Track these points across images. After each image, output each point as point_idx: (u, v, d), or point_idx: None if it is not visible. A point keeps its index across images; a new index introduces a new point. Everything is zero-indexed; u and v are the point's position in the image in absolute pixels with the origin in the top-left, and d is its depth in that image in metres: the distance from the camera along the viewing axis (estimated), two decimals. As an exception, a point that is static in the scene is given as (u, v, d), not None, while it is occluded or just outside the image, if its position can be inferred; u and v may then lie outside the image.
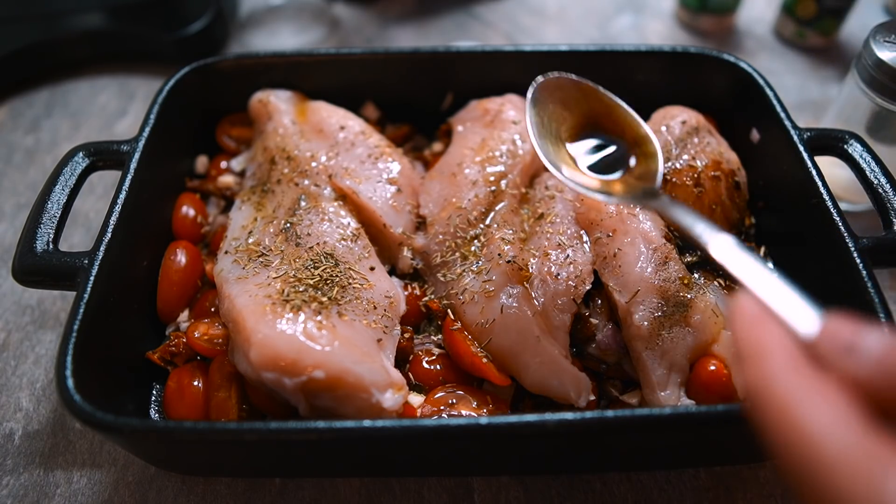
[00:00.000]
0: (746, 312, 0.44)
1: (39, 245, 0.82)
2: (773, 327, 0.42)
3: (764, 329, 0.42)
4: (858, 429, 0.35)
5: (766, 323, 0.43)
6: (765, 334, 0.42)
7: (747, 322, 0.43)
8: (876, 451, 0.34)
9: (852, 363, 0.38)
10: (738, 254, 0.54)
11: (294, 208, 0.92)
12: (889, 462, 0.33)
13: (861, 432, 0.35)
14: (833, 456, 0.34)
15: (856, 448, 0.34)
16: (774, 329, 0.42)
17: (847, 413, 0.36)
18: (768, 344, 0.41)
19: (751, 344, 0.42)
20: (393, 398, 0.75)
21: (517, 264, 0.85)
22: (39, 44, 1.39)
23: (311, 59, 1.11)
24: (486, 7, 1.67)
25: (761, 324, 0.43)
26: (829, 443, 0.35)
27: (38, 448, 0.88)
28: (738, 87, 1.06)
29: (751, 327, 0.43)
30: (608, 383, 0.86)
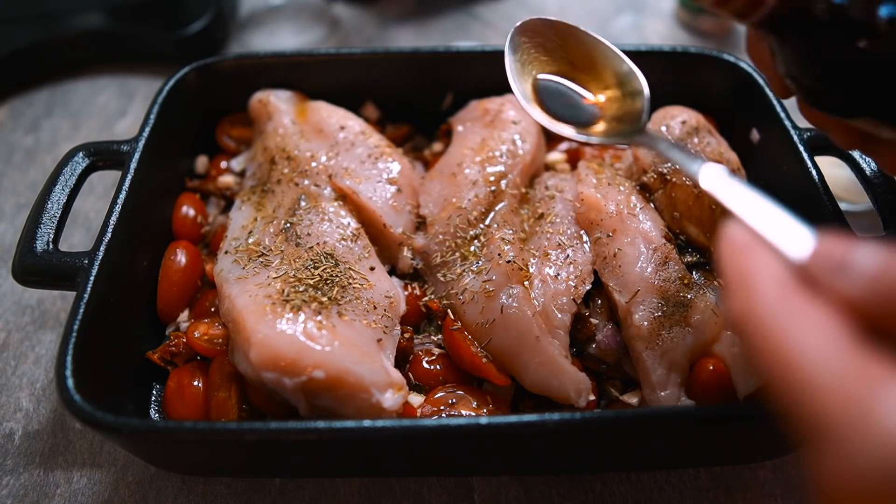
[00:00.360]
0: (734, 241, 0.43)
1: (39, 245, 0.82)
2: (761, 254, 0.41)
3: (752, 257, 0.41)
4: (848, 351, 0.34)
5: (755, 250, 0.41)
6: (752, 262, 0.41)
7: (735, 251, 0.42)
8: (866, 371, 0.33)
9: (843, 282, 0.37)
10: (726, 181, 0.53)
11: (294, 208, 0.92)
12: (880, 381, 0.33)
13: (851, 354, 0.34)
14: (822, 380, 0.34)
15: (845, 370, 0.34)
16: (763, 256, 0.41)
17: (837, 335, 0.35)
18: (755, 272, 0.40)
19: (738, 273, 0.41)
20: (393, 398, 0.75)
21: (517, 264, 0.85)
22: (39, 44, 1.39)
23: (311, 59, 1.11)
24: (486, 7, 1.67)
25: (749, 251, 0.41)
26: (819, 367, 0.34)
27: (38, 448, 0.88)
28: (738, 87, 1.06)
29: (738, 256, 0.42)
30: (608, 383, 0.86)
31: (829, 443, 0.33)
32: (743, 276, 0.40)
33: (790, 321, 0.37)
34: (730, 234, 0.43)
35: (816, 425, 0.33)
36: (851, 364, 0.34)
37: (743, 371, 0.80)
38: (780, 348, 0.36)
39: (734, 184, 0.52)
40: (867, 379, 0.33)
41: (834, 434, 0.32)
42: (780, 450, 0.83)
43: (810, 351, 0.35)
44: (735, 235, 0.43)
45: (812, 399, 0.34)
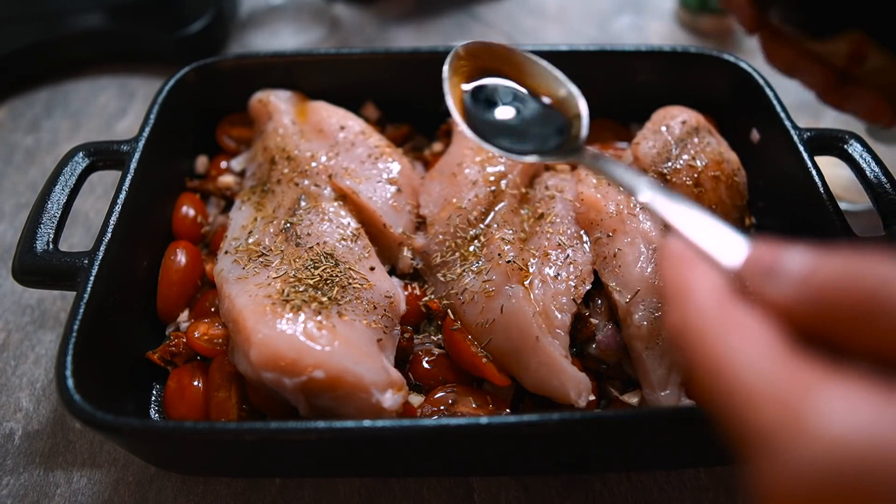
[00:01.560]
0: (672, 254, 0.43)
1: (39, 245, 0.82)
2: (698, 265, 0.41)
3: (688, 268, 0.41)
4: (780, 358, 0.34)
5: (691, 262, 0.42)
6: (689, 273, 0.41)
7: (673, 263, 0.42)
8: (798, 376, 0.33)
9: (773, 288, 0.37)
10: (663, 196, 0.53)
11: (294, 208, 0.92)
12: (810, 386, 0.33)
13: (783, 361, 0.34)
14: (755, 389, 0.34)
15: (778, 378, 0.33)
16: (699, 267, 0.41)
17: (769, 342, 0.35)
18: (691, 283, 0.40)
19: (674, 285, 0.41)
20: (393, 398, 0.75)
21: (517, 264, 0.85)
22: (39, 44, 1.39)
23: (311, 59, 1.11)
24: (486, 7, 1.67)
25: (686, 263, 0.42)
26: (751, 376, 0.34)
27: (38, 448, 0.88)
28: (738, 87, 1.06)
29: (676, 268, 0.42)
30: (608, 383, 0.86)
31: (764, 452, 0.32)
32: (679, 287, 0.40)
33: (723, 331, 0.37)
34: (668, 247, 0.44)
35: (752, 435, 0.33)
36: (783, 371, 0.34)
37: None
38: (713, 358, 0.36)
39: (671, 198, 0.52)
40: (799, 385, 0.33)
41: (769, 443, 0.32)
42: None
43: (743, 360, 0.35)
44: (673, 248, 0.43)
45: (746, 408, 0.34)
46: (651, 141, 0.98)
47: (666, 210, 0.50)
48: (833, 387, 0.32)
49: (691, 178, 0.93)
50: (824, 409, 0.31)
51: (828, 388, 0.32)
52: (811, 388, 0.32)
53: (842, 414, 0.31)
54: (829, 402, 0.31)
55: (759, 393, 0.33)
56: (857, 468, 0.29)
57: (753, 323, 0.37)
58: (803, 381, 0.33)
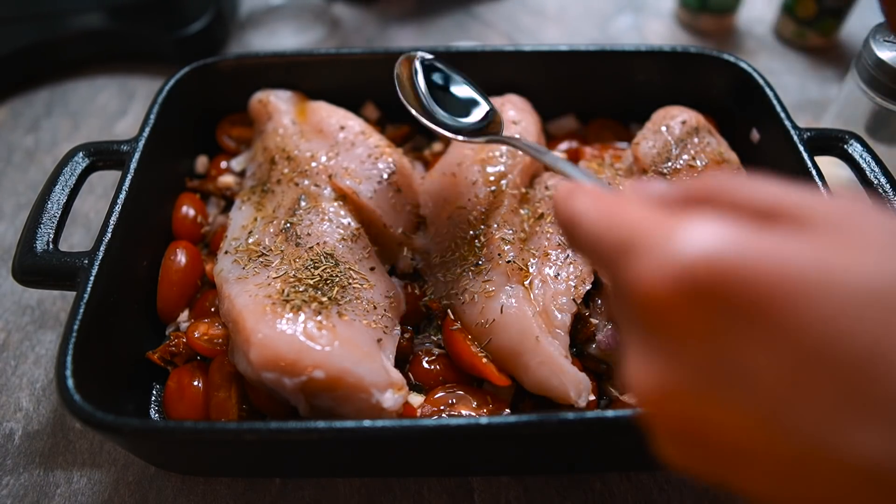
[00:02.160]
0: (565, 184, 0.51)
1: (39, 245, 0.82)
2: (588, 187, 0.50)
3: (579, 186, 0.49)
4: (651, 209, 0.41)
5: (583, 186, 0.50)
6: (580, 187, 0.49)
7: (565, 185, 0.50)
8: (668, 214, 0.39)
9: (647, 189, 0.45)
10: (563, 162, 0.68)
11: (294, 208, 0.92)
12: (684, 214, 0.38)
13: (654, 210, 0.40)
14: (635, 214, 0.40)
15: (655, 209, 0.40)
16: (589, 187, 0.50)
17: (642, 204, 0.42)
18: (582, 189, 0.48)
19: (567, 190, 0.48)
20: (393, 398, 0.75)
21: (517, 264, 0.85)
22: (39, 44, 1.39)
23: (311, 59, 1.11)
24: (486, 7, 1.67)
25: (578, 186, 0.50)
26: (633, 208, 0.41)
27: (38, 448, 0.88)
28: (738, 87, 1.06)
29: (568, 186, 0.50)
30: (608, 383, 0.86)
31: (635, 256, 0.37)
32: (571, 191, 0.48)
33: (609, 203, 0.44)
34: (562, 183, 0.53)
35: (625, 249, 0.39)
36: (655, 212, 0.40)
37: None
38: (598, 216, 0.43)
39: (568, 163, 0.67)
40: (668, 216, 0.39)
41: (640, 248, 0.37)
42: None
43: (625, 210, 0.42)
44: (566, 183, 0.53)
45: (622, 231, 0.40)
46: (651, 141, 0.98)
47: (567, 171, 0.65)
48: (696, 216, 0.37)
49: (691, 178, 0.93)
50: (690, 224, 0.36)
51: (692, 216, 0.37)
52: (679, 217, 0.38)
53: (705, 227, 0.36)
54: (694, 221, 0.37)
55: (634, 218, 0.40)
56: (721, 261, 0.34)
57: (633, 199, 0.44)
58: (671, 215, 0.39)
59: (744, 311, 0.33)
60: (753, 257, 0.33)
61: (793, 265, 0.32)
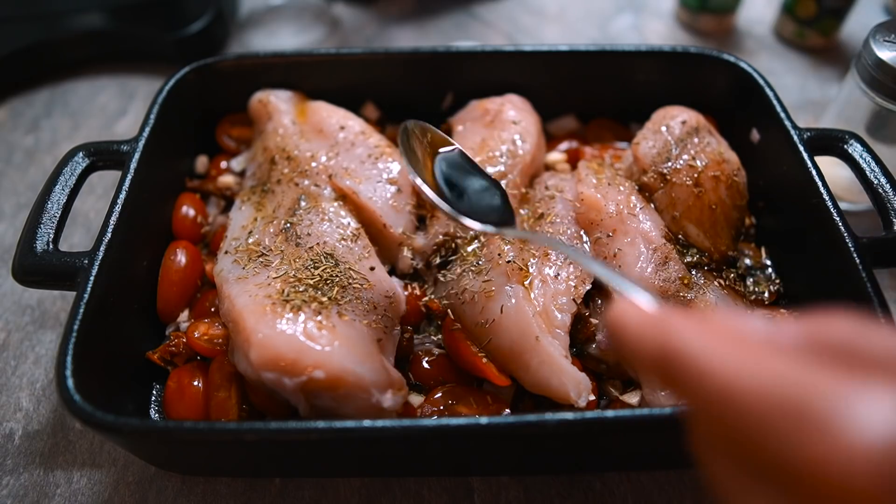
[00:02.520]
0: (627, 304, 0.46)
1: (39, 245, 0.82)
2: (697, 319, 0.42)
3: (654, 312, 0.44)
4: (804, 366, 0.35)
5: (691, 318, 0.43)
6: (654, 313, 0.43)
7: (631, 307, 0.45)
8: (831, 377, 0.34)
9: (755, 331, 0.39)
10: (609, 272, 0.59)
11: (294, 208, 0.92)
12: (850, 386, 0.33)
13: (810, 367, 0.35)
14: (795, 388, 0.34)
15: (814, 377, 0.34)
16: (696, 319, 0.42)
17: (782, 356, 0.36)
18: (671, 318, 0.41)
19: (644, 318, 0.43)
20: (393, 398, 0.75)
21: (517, 264, 0.85)
22: (39, 44, 1.39)
23: (311, 59, 1.11)
24: (486, 7, 1.67)
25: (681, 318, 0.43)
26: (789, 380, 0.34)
27: (38, 448, 0.88)
28: (738, 87, 1.06)
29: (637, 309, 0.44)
30: (608, 383, 0.86)
31: (812, 429, 0.32)
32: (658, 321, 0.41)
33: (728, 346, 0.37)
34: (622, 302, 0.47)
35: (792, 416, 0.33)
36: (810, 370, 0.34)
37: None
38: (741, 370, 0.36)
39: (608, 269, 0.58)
40: (835, 381, 0.33)
41: (818, 420, 0.32)
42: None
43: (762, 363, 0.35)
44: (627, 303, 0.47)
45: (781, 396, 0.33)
46: (651, 141, 0.98)
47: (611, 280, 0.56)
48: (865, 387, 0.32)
49: (691, 178, 0.93)
50: (866, 401, 0.31)
51: (861, 387, 0.32)
52: (844, 384, 0.32)
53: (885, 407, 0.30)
54: (869, 396, 0.31)
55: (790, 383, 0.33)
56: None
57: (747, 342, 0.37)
58: (833, 378, 0.33)
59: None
60: None
61: None
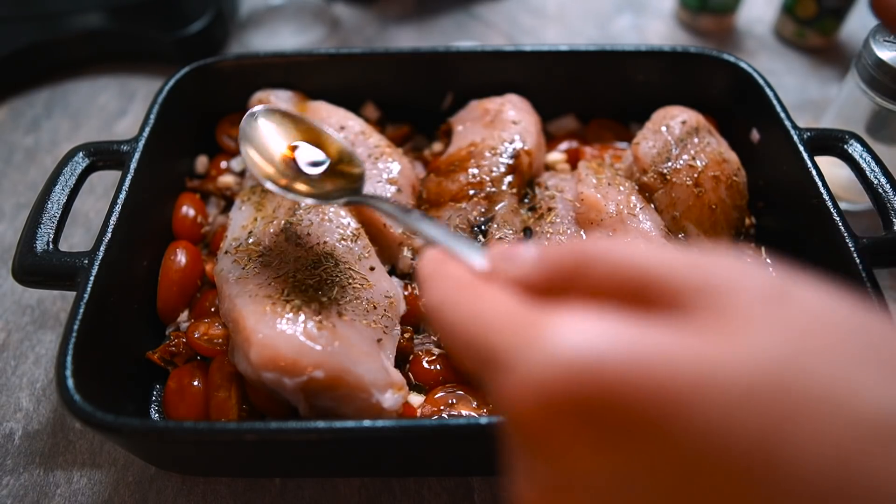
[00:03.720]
0: (428, 255, 0.49)
1: (39, 245, 0.82)
2: (449, 260, 0.48)
3: (440, 262, 0.48)
4: (518, 305, 0.38)
5: (444, 259, 0.48)
6: (440, 265, 0.47)
7: (428, 260, 0.48)
8: (531, 309, 0.37)
9: (511, 267, 0.43)
10: (424, 222, 0.60)
11: (294, 208, 0.92)
12: (543, 313, 0.36)
13: (520, 304, 0.38)
14: (494, 323, 0.37)
15: (514, 313, 0.37)
16: (450, 262, 0.47)
17: (508, 297, 0.40)
18: (442, 270, 0.46)
19: (428, 274, 0.47)
20: (393, 398, 0.75)
21: (517, 264, 0.84)
22: (39, 44, 1.39)
23: (311, 59, 1.11)
24: (486, 7, 1.67)
25: (440, 261, 0.48)
26: (492, 316, 0.38)
27: (38, 448, 0.88)
28: (738, 87, 1.06)
29: (430, 263, 0.48)
30: (608, 383, 0.86)
31: (500, 369, 0.35)
32: (432, 275, 0.46)
33: (471, 296, 0.42)
34: (426, 252, 0.50)
35: (490, 359, 0.36)
36: (518, 307, 0.38)
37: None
38: (465, 317, 0.40)
39: (428, 222, 0.59)
40: (532, 313, 0.36)
41: (505, 359, 0.35)
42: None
43: (488, 310, 0.39)
44: (430, 252, 0.50)
45: (486, 338, 0.37)
46: (651, 141, 0.98)
47: (427, 233, 0.57)
48: (563, 312, 0.35)
49: (691, 178, 0.93)
50: (556, 326, 0.34)
51: (558, 312, 0.35)
52: (543, 314, 0.36)
53: (572, 328, 0.33)
54: (560, 320, 0.34)
55: (497, 322, 0.37)
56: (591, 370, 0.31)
57: (495, 288, 0.42)
58: (536, 311, 0.37)
59: (612, 428, 0.30)
60: (618, 363, 0.31)
61: (663, 367, 0.30)
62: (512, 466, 0.37)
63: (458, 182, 0.96)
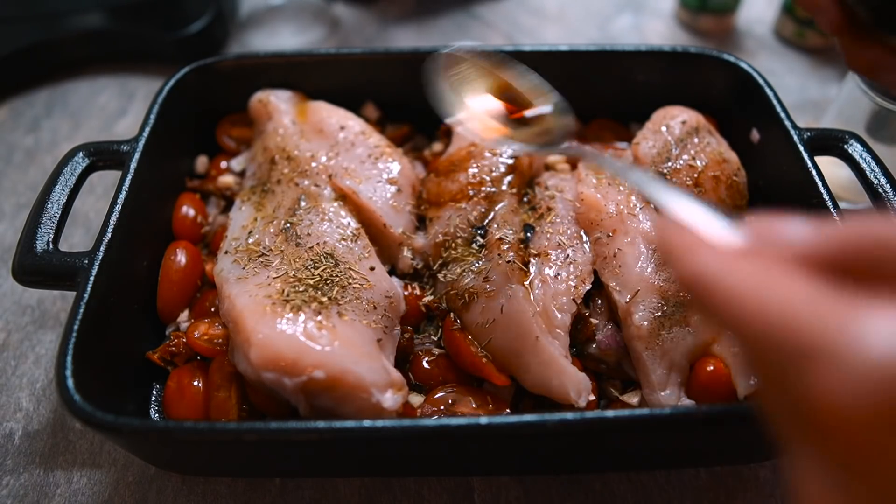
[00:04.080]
0: (671, 223, 0.44)
1: (39, 245, 0.82)
2: (699, 232, 0.43)
3: (690, 232, 0.43)
4: (812, 286, 0.35)
5: (691, 229, 0.43)
6: (692, 235, 0.42)
7: (672, 229, 0.43)
8: (835, 299, 0.34)
9: (788, 240, 0.38)
10: (657, 183, 0.54)
11: (294, 208, 0.92)
12: (850, 307, 0.33)
13: (816, 288, 0.35)
14: (792, 310, 0.34)
15: (814, 300, 0.34)
16: (699, 232, 0.43)
17: (795, 276, 0.36)
18: (699, 240, 0.41)
19: (680, 242, 0.42)
20: (393, 398, 0.75)
21: (517, 264, 0.85)
22: (39, 44, 1.39)
23: (311, 59, 1.11)
24: (486, 7, 1.67)
25: (687, 230, 0.43)
26: (785, 301, 0.34)
27: (38, 448, 0.88)
28: (738, 87, 1.06)
29: (678, 231, 0.43)
30: (608, 383, 0.86)
31: (806, 361, 0.32)
32: (687, 243, 0.41)
33: (749, 271, 0.37)
34: (666, 220, 0.45)
35: (790, 348, 0.33)
36: (818, 294, 0.34)
37: (743, 371, 0.80)
38: (739, 295, 0.36)
39: (664, 185, 0.53)
40: (838, 306, 0.33)
41: (811, 353, 0.32)
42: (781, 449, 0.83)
43: (773, 289, 0.35)
44: (670, 220, 0.45)
45: (784, 314, 0.34)
46: (651, 141, 0.98)
47: (662, 198, 0.51)
48: (872, 308, 0.32)
49: (691, 178, 0.93)
50: (870, 325, 0.31)
51: (867, 309, 0.32)
52: (851, 308, 0.32)
53: (889, 329, 0.30)
54: (874, 319, 0.31)
55: (799, 312, 0.33)
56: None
57: (776, 264, 0.37)
58: (842, 302, 0.33)
59: None
60: None
61: None
62: (799, 463, 0.35)
63: (458, 182, 0.96)
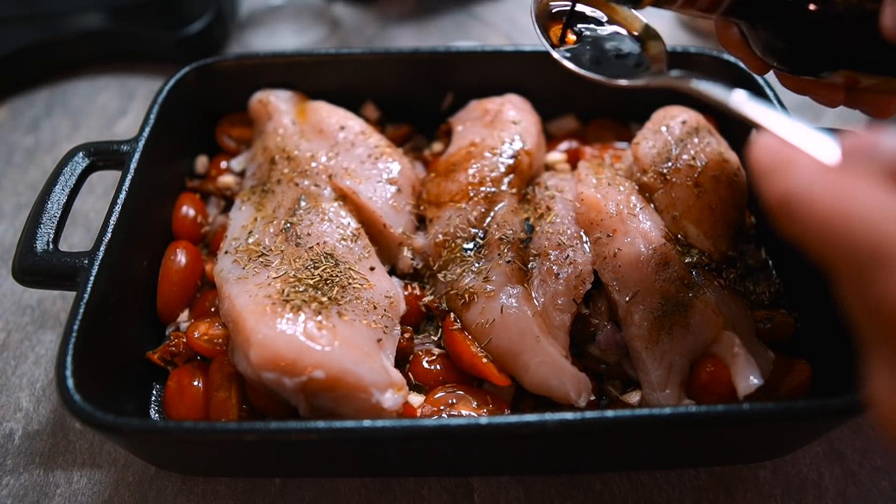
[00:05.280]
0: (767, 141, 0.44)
1: (39, 245, 0.82)
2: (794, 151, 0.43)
3: (786, 148, 0.43)
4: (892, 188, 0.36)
5: (787, 149, 0.43)
6: (787, 151, 0.42)
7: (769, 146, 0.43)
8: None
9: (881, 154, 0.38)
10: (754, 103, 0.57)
11: (294, 208, 0.92)
12: None
13: None
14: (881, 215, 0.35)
15: None
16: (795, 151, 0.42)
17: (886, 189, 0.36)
18: (793, 156, 0.41)
19: (774, 161, 0.42)
20: (393, 398, 0.75)
21: (517, 264, 0.85)
22: (39, 44, 1.39)
23: (311, 59, 1.11)
24: (486, 7, 1.67)
25: (782, 149, 0.43)
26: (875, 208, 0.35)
27: (38, 448, 0.88)
28: (739, 87, 1.05)
29: (773, 149, 0.43)
30: (608, 383, 0.86)
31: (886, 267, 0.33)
32: (780, 161, 0.41)
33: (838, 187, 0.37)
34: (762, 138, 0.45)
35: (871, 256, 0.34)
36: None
37: (742, 371, 0.80)
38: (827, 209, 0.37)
39: (761, 104, 0.56)
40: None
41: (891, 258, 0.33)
42: (781, 450, 0.83)
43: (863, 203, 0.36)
44: (768, 138, 0.45)
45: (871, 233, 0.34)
46: (651, 141, 0.98)
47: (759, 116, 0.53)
48: None
49: (691, 178, 0.93)
50: None
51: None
52: None
53: None
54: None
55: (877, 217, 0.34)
56: None
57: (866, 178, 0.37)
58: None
59: None
60: None
61: None
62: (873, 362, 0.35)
63: (458, 182, 0.96)
